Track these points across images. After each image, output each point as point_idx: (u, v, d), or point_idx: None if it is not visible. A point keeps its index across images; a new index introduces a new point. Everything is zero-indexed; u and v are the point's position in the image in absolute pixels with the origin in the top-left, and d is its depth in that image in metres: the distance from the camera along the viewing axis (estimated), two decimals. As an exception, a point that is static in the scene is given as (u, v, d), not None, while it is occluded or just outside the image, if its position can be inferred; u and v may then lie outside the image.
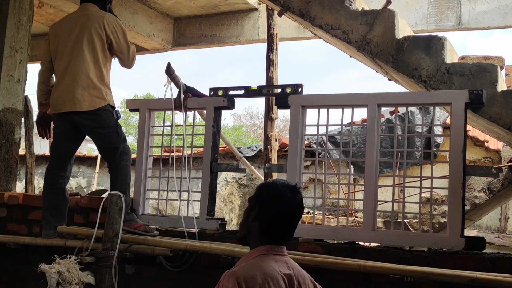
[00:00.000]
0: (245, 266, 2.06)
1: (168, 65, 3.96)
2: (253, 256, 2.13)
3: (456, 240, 3.18)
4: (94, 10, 4.03)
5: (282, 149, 9.02)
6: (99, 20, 3.93)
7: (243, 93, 3.95)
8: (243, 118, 31.84)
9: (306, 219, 6.77)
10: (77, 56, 3.91)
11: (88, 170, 12.00)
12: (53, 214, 4.01)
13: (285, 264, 2.14)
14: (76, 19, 4.02)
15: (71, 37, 3.96)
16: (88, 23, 3.93)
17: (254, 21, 8.27)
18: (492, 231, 8.50)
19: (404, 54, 3.68)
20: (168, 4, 8.22)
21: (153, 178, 4.24)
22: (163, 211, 4.32)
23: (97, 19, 3.94)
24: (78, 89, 3.87)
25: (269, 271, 2.03)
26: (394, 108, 4.03)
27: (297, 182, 2.34)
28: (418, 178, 3.53)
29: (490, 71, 3.45)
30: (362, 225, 3.50)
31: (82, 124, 3.97)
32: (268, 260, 2.09)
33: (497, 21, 6.81)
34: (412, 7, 7.15)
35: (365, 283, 3.19)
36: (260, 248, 2.13)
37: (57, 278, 3.31)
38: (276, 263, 2.09)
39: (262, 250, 2.13)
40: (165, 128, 4.25)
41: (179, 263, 3.67)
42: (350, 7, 3.89)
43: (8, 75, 5.14)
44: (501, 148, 7.76)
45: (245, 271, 2.00)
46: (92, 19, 3.95)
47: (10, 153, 5.08)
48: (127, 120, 34.08)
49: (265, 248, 2.13)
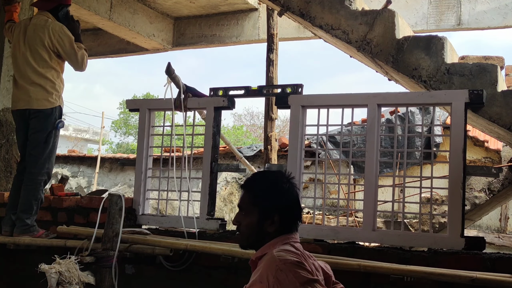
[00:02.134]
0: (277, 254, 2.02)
1: (168, 65, 3.96)
2: (276, 246, 2.10)
3: (456, 240, 3.18)
4: (43, 19, 4.25)
5: (282, 149, 9.02)
6: (45, 30, 4.17)
7: (243, 93, 3.95)
8: (243, 118, 31.83)
9: (306, 219, 6.78)
10: (28, 62, 4.17)
11: (88, 170, 12.00)
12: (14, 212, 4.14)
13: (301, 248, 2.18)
14: (26, 27, 4.27)
15: (21, 43, 4.25)
16: (34, 34, 4.20)
17: (254, 21, 8.27)
18: (492, 231, 8.50)
19: (404, 54, 3.68)
20: (168, 4, 8.23)
21: (153, 178, 4.24)
22: (163, 211, 4.32)
23: (43, 29, 4.17)
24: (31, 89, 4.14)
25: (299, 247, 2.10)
26: (394, 108, 4.03)
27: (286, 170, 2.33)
28: (418, 178, 3.53)
29: (490, 71, 3.45)
30: (362, 225, 3.50)
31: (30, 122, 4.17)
32: (291, 243, 2.12)
33: (497, 21, 6.81)
34: (412, 7, 7.16)
35: (365, 283, 3.19)
36: (277, 240, 2.12)
37: (57, 278, 3.31)
38: (298, 245, 2.15)
39: (283, 239, 2.12)
40: (165, 128, 4.25)
41: (179, 263, 3.67)
42: (350, 7, 3.88)
43: (8, 75, 5.14)
44: (501, 148, 7.75)
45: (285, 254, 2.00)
46: (38, 29, 4.19)
47: (10, 153, 5.08)
48: (127, 120, 34.09)
49: (282, 238, 2.12)
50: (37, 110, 4.10)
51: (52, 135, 4.13)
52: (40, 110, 4.11)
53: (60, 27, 4.21)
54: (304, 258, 2.06)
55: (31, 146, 4.12)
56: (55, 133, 4.15)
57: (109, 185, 11.36)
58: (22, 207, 4.05)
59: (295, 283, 1.91)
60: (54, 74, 4.20)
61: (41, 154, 4.08)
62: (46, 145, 4.10)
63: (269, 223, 2.12)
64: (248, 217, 2.16)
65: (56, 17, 4.30)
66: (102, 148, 15.63)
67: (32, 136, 4.12)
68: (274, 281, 1.94)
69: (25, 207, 4.04)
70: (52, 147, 4.15)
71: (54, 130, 4.14)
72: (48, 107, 4.12)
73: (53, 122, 4.13)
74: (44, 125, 4.11)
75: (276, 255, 2.00)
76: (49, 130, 4.11)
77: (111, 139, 34.55)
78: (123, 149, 31.29)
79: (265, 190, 2.16)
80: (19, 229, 4.03)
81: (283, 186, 2.16)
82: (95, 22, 7.92)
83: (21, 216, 4.03)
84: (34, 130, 4.12)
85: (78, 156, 12.26)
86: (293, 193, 2.18)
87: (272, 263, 1.98)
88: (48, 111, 4.12)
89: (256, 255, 2.15)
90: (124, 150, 30.70)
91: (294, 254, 2.02)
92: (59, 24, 4.24)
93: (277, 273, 1.95)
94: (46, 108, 4.11)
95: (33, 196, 4.05)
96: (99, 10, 7.49)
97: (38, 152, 4.08)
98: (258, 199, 2.15)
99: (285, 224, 2.14)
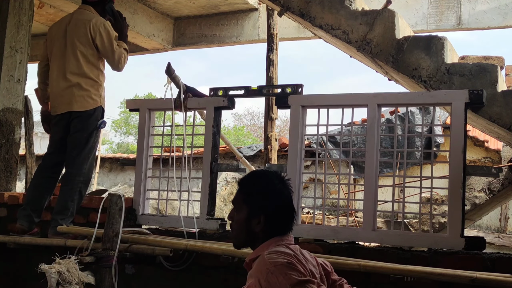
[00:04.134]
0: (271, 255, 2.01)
1: (168, 65, 3.96)
2: (269, 247, 2.10)
3: (456, 240, 3.18)
4: (86, 13, 4.11)
5: (282, 149, 9.02)
6: (86, 25, 4.01)
7: (243, 93, 3.95)
8: (243, 118, 31.84)
9: (306, 219, 6.77)
10: (68, 60, 4.02)
11: (88, 170, 11.98)
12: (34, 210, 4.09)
13: (298, 249, 2.16)
14: (67, 23, 4.11)
15: (62, 40, 4.08)
16: (76, 28, 4.03)
17: (254, 21, 8.27)
18: (492, 231, 8.50)
19: (404, 54, 3.68)
20: (168, 4, 8.22)
21: (153, 178, 4.24)
22: (163, 211, 4.32)
23: (85, 24, 4.02)
24: (70, 92, 3.99)
25: (293, 248, 2.09)
26: (394, 108, 4.03)
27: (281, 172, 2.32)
28: (418, 178, 3.53)
29: (490, 71, 3.45)
30: (362, 225, 3.50)
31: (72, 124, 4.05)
32: (285, 244, 2.11)
33: (497, 21, 6.81)
34: (412, 7, 7.16)
35: (365, 283, 3.19)
36: (270, 241, 2.12)
37: (57, 278, 3.31)
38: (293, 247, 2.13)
39: (276, 241, 2.12)
40: (165, 128, 4.25)
41: (179, 263, 3.66)
42: (350, 7, 3.88)
43: (8, 75, 5.14)
44: (501, 148, 7.76)
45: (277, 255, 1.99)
46: (79, 24, 4.04)
47: (10, 153, 5.08)
48: (127, 120, 34.08)
49: (275, 239, 2.12)
50: (79, 112, 3.98)
51: (93, 135, 4.04)
52: (82, 111, 3.99)
53: (102, 22, 4.05)
54: (297, 259, 2.03)
55: (71, 146, 4.01)
56: (96, 133, 4.06)
57: (109, 185, 11.36)
58: (57, 208, 3.96)
59: (286, 285, 1.90)
60: (95, 72, 4.05)
61: (80, 154, 3.99)
62: (86, 146, 4.00)
63: (256, 223, 2.12)
64: (239, 214, 2.17)
65: (101, 12, 4.15)
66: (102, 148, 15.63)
67: (73, 136, 4.01)
68: (266, 285, 1.94)
69: (61, 208, 3.95)
70: (92, 148, 4.06)
71: (96, 130, 4.05)
72: (89, 108, 4.00)
73: (95, 122, 4.04)
74: (86, 125, 4.00)
75: (266, 257, 2.00)
76: (90, 130, 4.01)
77: (111, 139, 34.57)
78: (123, 149, 31.29)
79: (256, 189, 2.16)
80: (53, 229, 3.93)
81: (275, 186, 2.15)
82: (95, 22, 7.92)
83: (55, 217, 3.94)
84: (75, 129, 4.00)
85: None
86: (284, 194, 2.16)
87: (262, 266, 1.98)
88: (90, 112, 4.01)
89: (250, 257, 2.16)
90: (124, 150, 30.70)
91: (286, 255, 2.00)
92: (102, 19, 4.08)
93: (268, 276, 1.94)
94: (88, 109, 4.00)
95: (69, 197, 3.96)
96: (99, 10, 7.48)
97: (78, 152, 3.98)
98: (248, 198, 2.15)
99: (273, 225, 2.13)
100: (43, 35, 9.48)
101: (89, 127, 4.01)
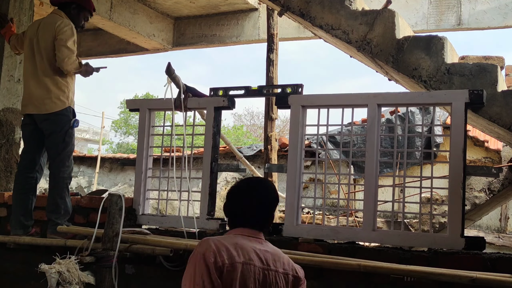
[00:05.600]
0: (219, 237, 2.25)
1: (168, 65, 3.96)
2: (228, 234, 2.29)
3: (456, 240, 3.18)
4: (54, 17, 4.20)
5: (282, 149, 9.02)
6: (52, 28, 4.11)
7: (243, 93, 3.95)
8: (243, 118, 31.84)
9: (306, 219, 6.78)
10: (37, 63, 4.14)
11: (88, 170, 12.00)
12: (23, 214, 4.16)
13: (260, 244, 2.26)
14: (38, 25, 4.24)
15: (32, 42, 4.21)
16: (44, 31, 4.16)
17: (254, 21, 8.27)
18: (492, 231, 8.50)
19: (404, 54, 3.68)
20: (168, 4, 8.22)
21: (153, 178, 4.24)
22: (163, 211, 4.32)
23: (52, 26, 4.12)
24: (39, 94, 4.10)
25: (240, 243, 2.20)
26: (394, 108, 4.03)
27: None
28: (418, 178, 3.53)
29: (490, 71, 3.45)
30: (362, 225, 3.50)
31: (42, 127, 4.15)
32: (241, 237, 2.24)
33: (497, 21, 6.81)
34: (412, 7, 7.16)
35: (365, 283, 3.19)
36: (236, 230, 2.29)
37: (57, 278, 3.31)
38: (249, 242, 2.23)
39: (237, 231, 2.29)
40: (165, 128, 4.25)
41: (179, 263, 3.66)
42: (350, 7, 3.88)
43: (8, 75, 5.14)
44: (501, 148, 7.76)
45: (217, 239, 2.20)
46: (47, 27, 4.15)
47: (10, 153, 5.08)
48: (127, 120, 34.09)
49: (240, 229, 2.28)
50: (46, 114, 4.08)
51: (68, 134, 4.11)
52: (49, 113, 4.08)
53: (66, 24, 4.12)
54: (216, 250, 2.14)
55: (50, 149, 4.12)
56: (71, 132, 4.14)
57: (109, 185, 11.36)
58: (50, 208, 4.06)
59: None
60: (62, 74, 4.14)
61: (60, 154, 4.08)
62: (64, 145, 4.09)
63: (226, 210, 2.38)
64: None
65: (69, 14, 4.23)
66: (102, 148, 15.62)
67: (49, 139, 4.11)
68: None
69: (53, 207, 4.04)
70: (69, 145, 4.12)
71: (70, 129, 4.12)
72: (57, 109, 4.08)
73: (67, 122, 4.11)
74: (58, 126, 4.08)
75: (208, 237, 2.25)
76: (64, 130, 4.09)
77: (111, 139, 34.58)
78: (123, 149, 31.28)
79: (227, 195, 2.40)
80: (51, 229, 4.02)
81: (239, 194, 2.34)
82: (95, 22, 7.92)
83: (50, 216, 4.04)
84: (48, 132, 4.10)
85: (78, 156, 12.25)
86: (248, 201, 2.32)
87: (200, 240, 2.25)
88: (58, 113, 4.09)
89: None
90: (124, 150, 30.69)
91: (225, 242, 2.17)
92: (67, 21, 4.15)
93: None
94: (55, 111, 4.08)
95: (57, 195, 4.05)
96: (99, 10, 7.49)
97: (58, 153, 4.08)
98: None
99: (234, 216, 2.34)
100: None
101: (62, 127, 4.10)
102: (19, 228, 4.13)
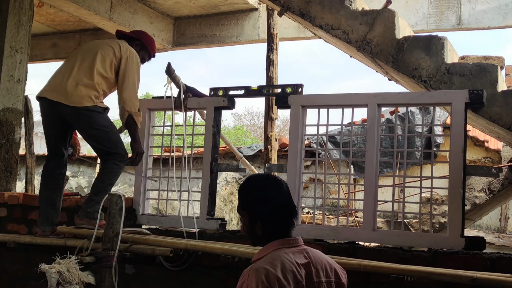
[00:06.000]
0: (264, 262, 2.07)
1: (168, 65, 3.97)
2: (269, 250, 2.14)
3: (456, 240, 3.18)
4: (123, 42, 4.08)
5: (282, 149, 9.01)
6: (120, 44, 4.00)
7: (243, 93, 3.95)
8: (243, 118, 31.82)
9: (306, 219, 6.77)
10: (85, 58, 3.94)
11: (88, 170, 12.00)
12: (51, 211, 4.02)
13: (302, 254, 2.16)
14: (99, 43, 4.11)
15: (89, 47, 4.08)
16: (108, 43, 4.03)
17: (254, 21, 8.27)
18: (492, 231, 8.50)
19: (404, 54, 3.68)
20: (168, 4, 8.22)
21: (153, 178, 4.24)
22: (163, 211, 4.32)
23: (119, 43, 4.01)
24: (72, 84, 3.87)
25: (287, 265, 2.06)
26: (394, 108, 4.03)
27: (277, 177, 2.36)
28: (418, 178, 3.53)
29: (490, 71, 3.45)
30: (362, 225, 3.50)
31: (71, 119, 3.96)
32: (284, 253, 2.11)
33: (497, 21, 6.81)
34: (412, 7, 7.16)
35: (365, 282, 3.19)
36: (274, 243, 2.15)
37: (57, 278, 3.31)
38: (292, 255, 2.11)
39: (276, 244, 2.15)
40: (165, 128, 4.25)
41: (179, 263, 3.67)
42: (350, 7, 3.89)
43: (8, 75, 5.14)
44: (501, 148, 7.76)
45: (265, 267, 2.02)
46: (113, 42, 4.03)
47: (10, 153, 5.08)
48: (127, 120, 34.01)
49: (278, 242, 2.15)
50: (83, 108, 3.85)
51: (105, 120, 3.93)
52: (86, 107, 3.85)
53: (134, 53, 4.01)
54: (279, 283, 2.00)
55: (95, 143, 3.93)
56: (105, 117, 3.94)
57: (109, 185, 11.34)
58: (96, 189, 3.87)
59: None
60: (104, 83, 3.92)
61: (108, 141, 3.90)
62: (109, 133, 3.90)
63: (257, 227, 2.18)
64: (243, 220, 2.24)
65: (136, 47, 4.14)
66: (102, 148, 15.62)
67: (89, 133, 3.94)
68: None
69: (100, 189, 3.86)
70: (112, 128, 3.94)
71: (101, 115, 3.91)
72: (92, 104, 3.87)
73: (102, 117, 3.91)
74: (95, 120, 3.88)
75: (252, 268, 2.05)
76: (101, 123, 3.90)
77: (111, 139, 34.50)
78: (123, 149, 31.22)
79: (249, 197, 2.22)
80: (83, 212, 3.85)
81: (266, 193, 2.19)
82: (95, 22, 7.92)
83: (93, 198, 3.85)
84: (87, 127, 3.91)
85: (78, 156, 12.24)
86: (275, 199, 2.19)
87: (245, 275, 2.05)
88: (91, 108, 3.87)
89: (254, 258, 2.20)
90: (124, 150, 30.63)
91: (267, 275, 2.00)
92: (135, 51, 4.04)
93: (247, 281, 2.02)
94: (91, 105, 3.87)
95: (108, 180, 3.89)
96: (99, 10, 7.49)
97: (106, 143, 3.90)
98: (245, 205, 2.22)
99: (270, 228, 2.17)
100: (43, 35, 9.53)
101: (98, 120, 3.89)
102: (47, 225, 3.98)
